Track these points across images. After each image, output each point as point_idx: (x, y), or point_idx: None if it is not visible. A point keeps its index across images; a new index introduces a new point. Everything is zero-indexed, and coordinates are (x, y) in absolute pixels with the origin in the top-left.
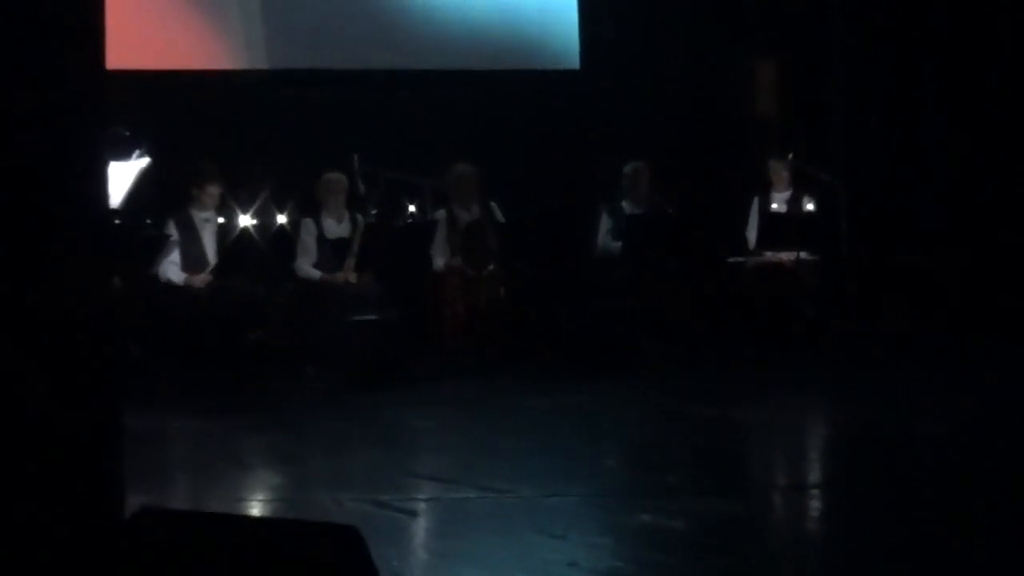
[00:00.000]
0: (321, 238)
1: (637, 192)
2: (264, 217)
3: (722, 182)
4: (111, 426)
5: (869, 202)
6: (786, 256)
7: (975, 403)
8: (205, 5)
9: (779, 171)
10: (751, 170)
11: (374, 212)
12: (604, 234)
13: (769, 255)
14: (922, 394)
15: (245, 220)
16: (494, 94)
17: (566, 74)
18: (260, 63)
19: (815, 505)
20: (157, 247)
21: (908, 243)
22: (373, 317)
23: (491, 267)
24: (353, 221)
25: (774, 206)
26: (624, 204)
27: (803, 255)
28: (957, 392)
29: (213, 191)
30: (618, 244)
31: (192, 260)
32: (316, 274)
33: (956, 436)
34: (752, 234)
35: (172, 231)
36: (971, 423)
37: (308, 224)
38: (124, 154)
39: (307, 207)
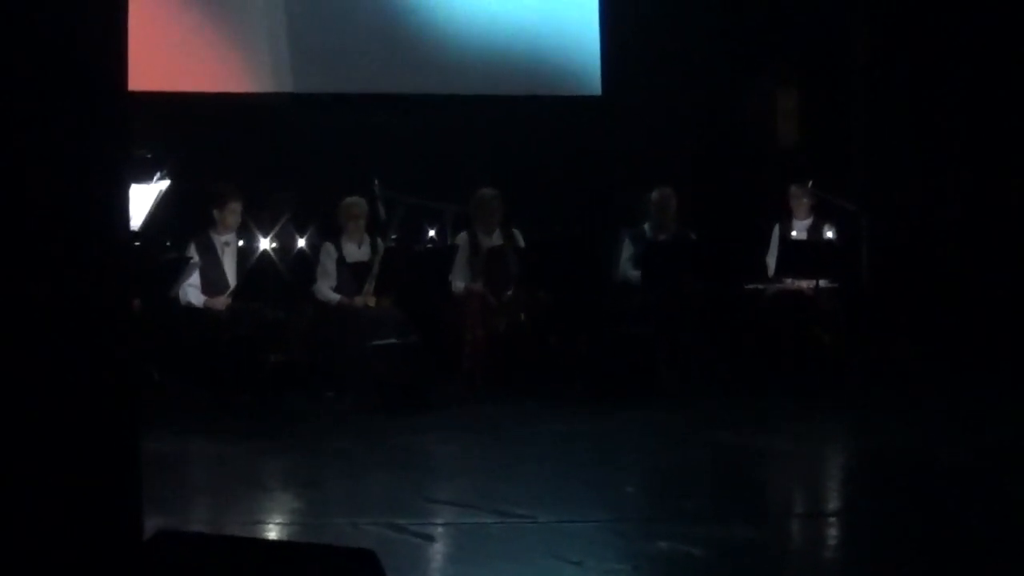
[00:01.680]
0: (341, 262)
1: (663, 218)
2: (284, 240)
3: (743, 209)
4: (130, 449)
5: (889, 231)
6: (806, 284)
7: (994, 432)
8: (228, 28)
9: (800, 199)
10: (772, 197)
11: (394, 237)
12: (625, 260)
13: (789, 282)
14: (941, 423)
15: (265, 243)
16: (516, 119)
17: (589, 100)
18: (283, 86)
19: (832, 533)
20: (177, 270)
21: (928, 273)
22: (393, 341)
23: (512, 292)
24: (373, 245)
25: (794, 233)
26: (646, 230)
27: (823, 283)
28: (976, 421)
29: (234, 214)
30: (637, 272)
31: (212, 283)
32: (335, 297)
33: (975, 465)
34: (772, 261)
35: (193, 254)
36: (990, 452)
37: (328, 248)
38: (145, 176)
39: (327, 231)
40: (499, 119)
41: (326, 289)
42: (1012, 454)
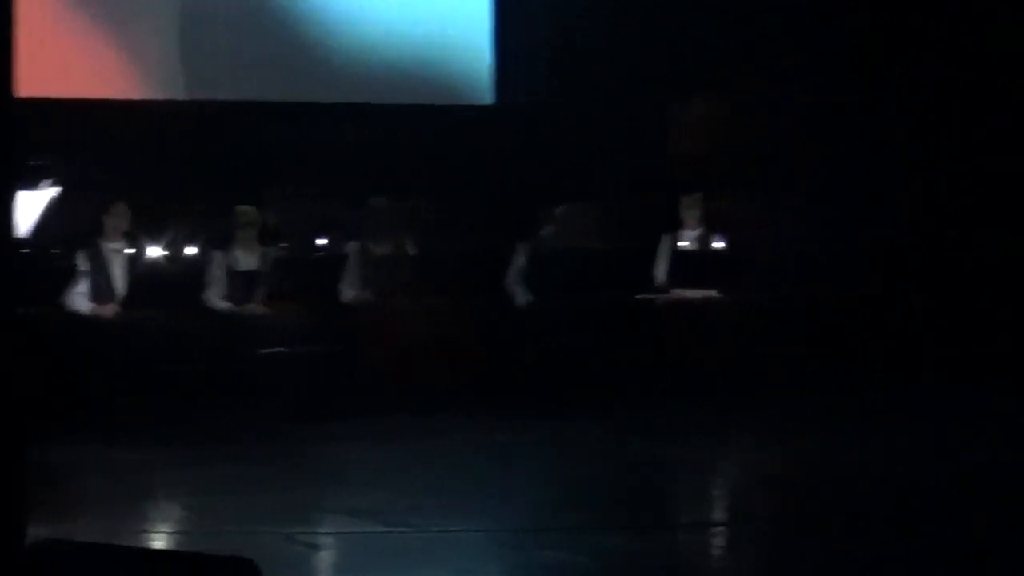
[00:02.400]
0: (231, 270)
1: (561, 229)
2: (174, 249)
3: (634, 219)
4: (15, 458)
5: (780, 240)
6: (696, 294)
7: (889, 439)
8: (121, 34)
9: (690, 208)
10: (663, 208)
11: (285, 245)
12: (515, 274)
13: (678, 292)
14: (830, 432)
15: (154, 251)
16: (408, 128)
17: (481, 109)
18: (175, 94)
19: (719, 543)
20: (65, 278)
21: (818, 281)
22: (284, 350)
23: (402, 301)
24: (264, 254)
25: (684, 244)
26: (543, 241)
27: (712, 293)
28: (869, 428)
29: (121, 221)
30: (523, 289)
31: (100, 291)
32: (225, 306)
33: (862, 471)
34: (660, 271)
35: (80, 261)
36: (884, 459)
37: (218, 256)
38: (34, 184)
39: (218, 239)
40: (392, 128)
41: (216, 297)
42: (910, 460)
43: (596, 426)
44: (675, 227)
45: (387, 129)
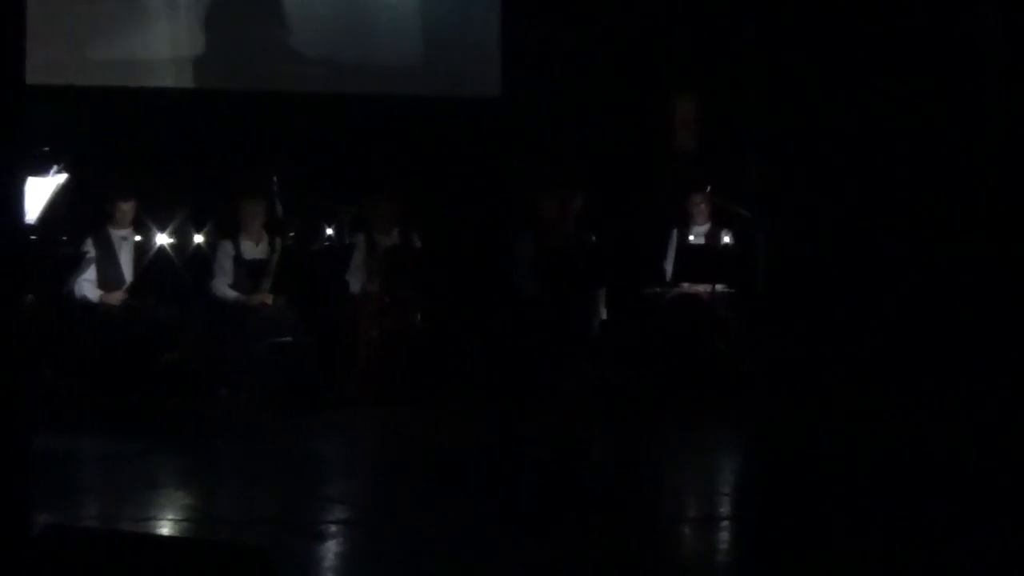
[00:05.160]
0: (238, 259)
1: (562, 222)
2: (182, 237)
3: (641, 214)
4: (19, 445)
5: (785, 237)
6: (703, 288)
7: (887, 441)
8: (130, 23)
9: (698, 204)
10: (670, 203)
11: (292, 235)
12: (519, 265)
13: (686, 287)
14: (834, 431)
15: (163, 239)
16: (416, 120)
17: (488, 101)
18: (184, 82)
19: (720, 538)
20: (73, 265)
21: (823, 279)
22: (288, 340)
23: (408, 294)
24: (271, 244)
25: (692, 239)
26: (546, 234)
27: (719, 288)
28: (869, 429)
29: (126, 207)
30: (530, 280)
31: (108, 278)
32: (232, 295)
33: (863, 476)
34: (670, 266)
35: (89, 248)
36: (881, 462)
37: (225, 245)
38: (42, 170)
39: (225, 228)
40: (399, 119)
41: (223, 286)
42: (905, 463)
43: (596, 420)
44: (683, 222)
45: (394, 119)
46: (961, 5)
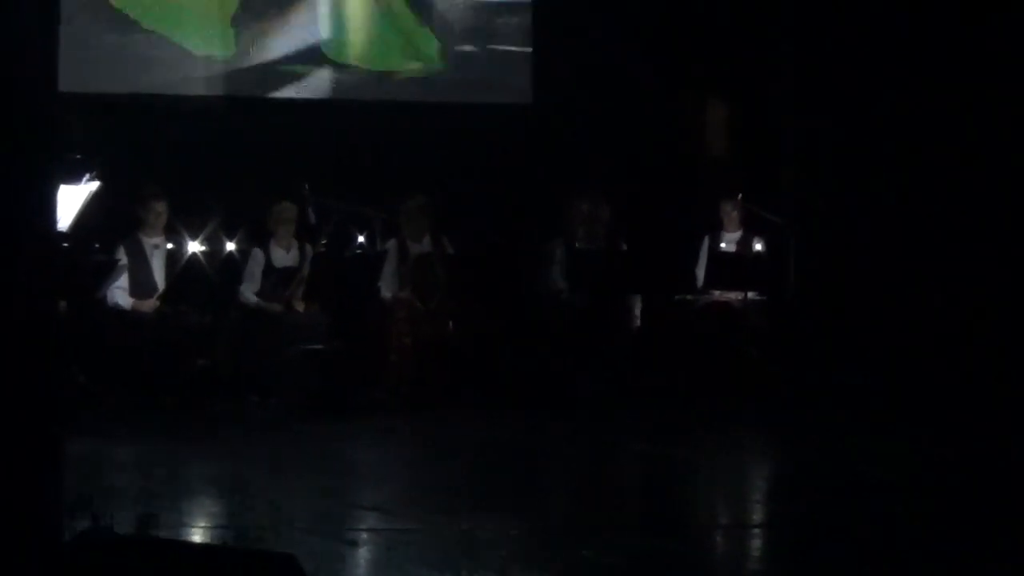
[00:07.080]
0: (269, 267)
1: (593, 227)
2: (213, 244)
3: (673, 220)
4: (52, 451)
5: (817, 244)
6: (734, 296)
7: (918, 449)
8: (164, 28)
9: (730, 212)
10: (702, 209)
11: (324, 242)
12: (555, 270)
13: (717, 294)
14: (865, 438)
15: (194, 247)
16: (448, 127)
17: (520, 108)
18: (215, 90)
19: (755, 544)
20: (105, 272)
21: (856, 286)
22: (319, 347)
23: (439, 300)
24: (302, 250)
25: (723, 246)
26: (578, 240)
27: (751, 295)
28: (901, 437)
29: (159, 207)
30: (564, 283)
31: (140, 285)
32: (254, 300)
33: (895, 482)
34: (701, 273)
35: (121, 256)
36: (913, 469)
37: (256, 253)
38: (74, 178)
39: (257, 235)
40: (430, 126)
41: (248, 292)
42: (934, 471)
43: (627, 426)
44: (715, 229)
45: (425, 127)
46: (995, 7)
